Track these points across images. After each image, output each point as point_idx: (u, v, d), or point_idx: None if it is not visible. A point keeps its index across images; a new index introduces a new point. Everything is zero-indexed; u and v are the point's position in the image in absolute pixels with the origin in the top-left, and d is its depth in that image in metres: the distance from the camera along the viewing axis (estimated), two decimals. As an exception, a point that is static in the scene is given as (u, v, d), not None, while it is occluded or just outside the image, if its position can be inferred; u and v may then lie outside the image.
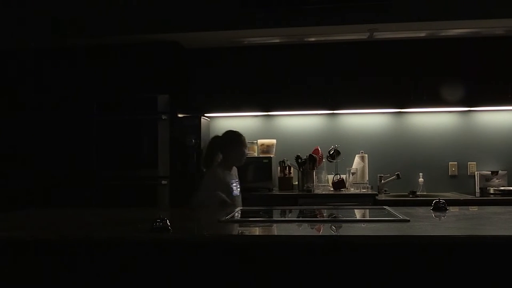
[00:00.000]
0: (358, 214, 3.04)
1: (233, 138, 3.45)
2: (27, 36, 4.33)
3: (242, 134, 3.49)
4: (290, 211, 3.21)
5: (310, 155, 4.47)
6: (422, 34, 4.33)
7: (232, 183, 3.40)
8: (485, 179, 4.49)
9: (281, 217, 2.97)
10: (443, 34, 4.32)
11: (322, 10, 4.01)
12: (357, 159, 4.59)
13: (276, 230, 2.43)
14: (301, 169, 4.48)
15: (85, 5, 4.26)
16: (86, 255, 2.16)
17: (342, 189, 4.40)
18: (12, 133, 4.54)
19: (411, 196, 4.32)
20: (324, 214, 3.02)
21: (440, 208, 2.79)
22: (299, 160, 4.47)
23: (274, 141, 4.68)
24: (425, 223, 2.42)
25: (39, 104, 4.49)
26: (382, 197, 4.30)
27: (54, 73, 4.51)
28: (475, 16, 3.92)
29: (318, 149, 4.56)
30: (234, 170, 3.52)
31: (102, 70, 4.46)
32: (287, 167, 4.60)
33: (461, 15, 3.93)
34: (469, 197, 4.18)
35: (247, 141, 4.64)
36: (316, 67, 4.53)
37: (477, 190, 4.50)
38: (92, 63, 4.48)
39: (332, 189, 4.45)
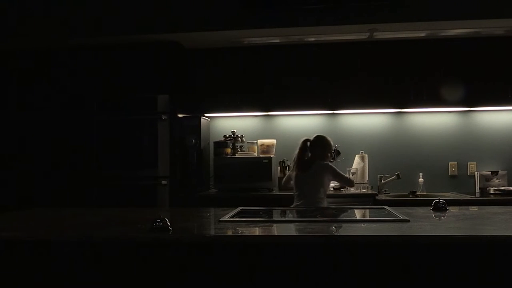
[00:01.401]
0: (358, 214, 3.05)
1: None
2: (28, 36, 4.33)
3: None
4: (290, 211, 3.21)
5: (310, 155, 4.47)
6: (422, 34, 4.33)
7: None
8: (485, 179, 4.48)
9: (281, 217, 2.97)
10: (443, 34, 4.32)
11: (322, 10, 4.01)
12: (357, 159, 4.59)
13: (276, 230, 2.43)
14: (301, 169, 4.47)
15: (85, 5, 4.26)
16: (86, 255, 2.16)
17: (342, 189, 4.40)
18: (12, 132, 4.54)
19: (411, 196, 4.32)
20: (324, 214, 3.02)
21: (440, 208, 2.79)
22: (299, 160, 4.47)
23: (274, 141, 4.68)
24: (425, 223, 2.42)
25: (39, 104, 4.49)
26: (382, 197, 4.30)
27: (54, 73, 4.51)
28: (474, 16, 3.92)
29: (318, 149, 4.56)
30: None
31: (102, 70, 4.46)
32: (287, 167, 4.60)
33: (461, 15, 3.93)
34: (469, 197, 4.17)
35: (247, 141, 4.70)
36: (316, 67, 4.54)
37: (477, 190, 4.50)
38: (92, 63, 4.48)
39: (332, 189, 4.45)
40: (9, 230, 2.40)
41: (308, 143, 3.70)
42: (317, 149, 3.69)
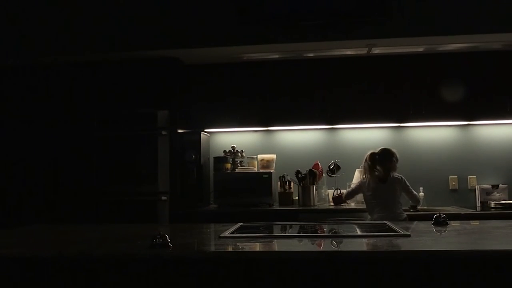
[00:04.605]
0: (358, 229, 3.04)
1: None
2: (29, 52, 4.36)
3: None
4: (291, 227, 3.19)
5: (310, 170, 4.47)
6: (421, 49, 4.36)
7: None
8: (486, 193, 4.48)
9: (281, 232, 2.96)
10: (441, 48, 4.35)
11: (320, 26, 4.05)
12: (357, 173, 4.58)
13: (277, 246, 2.42)
14: (301, 184, 4.47)
15: (86, 21, 4.30)
16: (86, 272, 2.15)
17: (342, 204, 4.39)
18: (11, 148, 4.54)
19: (411, 210, 4.30)
20: (325, 230, 3.01)
21: (440, 222, 2.78)
22: (299, 175, 4.47)
23: (274, 156, 4.68)
24: (426, 238, 2.41)
25: (39, 119, 4.50)
26: (382, 211, 4.28)
27: (55, 88, 4.53)
28: (472, 31, 3.95)
29: (318, 164, 4.56)
30: None
31: (102, 86, 4.47)
32: (287, 182, 4.59)
33: (458, 30, 3.96)
34: (470, 211, 4.16)
35: (247, 156, 4.69)
36: (316, 82, 4.55)
37: (478, 204, 4.49)
38: (92, 79, 4.50)
39: (332, 204, 4.44)
40: (8, 247, 2.39)
41: (377, 156, 3.88)
42: (388, 162, 3.86)
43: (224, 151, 4.67)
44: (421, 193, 4.51)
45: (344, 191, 4.43)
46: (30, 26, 4.36)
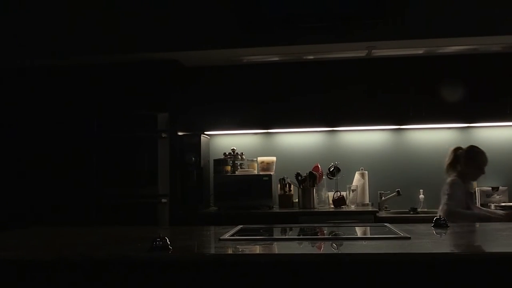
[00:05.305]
0: (359, 231, 3.03)
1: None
2: (29, 54, 4.36)
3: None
4: (291, 229, 3.19)
5: (310, 172, 4.47)
6: (420, 51, 4.36)
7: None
8: (486, 195, 4.48)
9: (281, 235, 2.95)
10: (440, 51, 4.35)
11: (320, 29, 4.05)
12: (357, 176, 4.58)
13: (277, 248, 2.41)
14: (301, 187, 4.47)
15: (85, 23, 4.30)
16: (85, 275, 2.14)
17: (343, 206, 4.38)
18: (11, 150, 4.54)
19: (411, 213, 4.31)
20: (325, 232, 3.01)
21: (441, 225, 2.78)
22: (299, 178, 4.47)
23: (274, 158, 4.68)
24: (426, 240, 2.41)
25: (39, 121, 4.50)
26: (382, 214, 4.29)
27: (55, 90, 4.53)
28: (471, 34, 3.96)
29: (318, 166, 4.56)
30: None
31: (102, 88, 4.48)
32: (287, 185, 4.59)
33: (458, 32, 3.97)
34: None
35: (247, 159, 4.68)
36: (316, 85, 4.56)
37: (478, 206, 4.48)
38: (92, 81, 4.50)
39: (332, 206, 4.44)
40: (7, 249, 2.38)
41: (458, 152, 3.67)
42: (461, 159, 3.64)
43: (224, 154, 4.67)
44: (421, 196, 4.52)
45: (344, 193, 4.42)
46: (30, 27, 4.36)
